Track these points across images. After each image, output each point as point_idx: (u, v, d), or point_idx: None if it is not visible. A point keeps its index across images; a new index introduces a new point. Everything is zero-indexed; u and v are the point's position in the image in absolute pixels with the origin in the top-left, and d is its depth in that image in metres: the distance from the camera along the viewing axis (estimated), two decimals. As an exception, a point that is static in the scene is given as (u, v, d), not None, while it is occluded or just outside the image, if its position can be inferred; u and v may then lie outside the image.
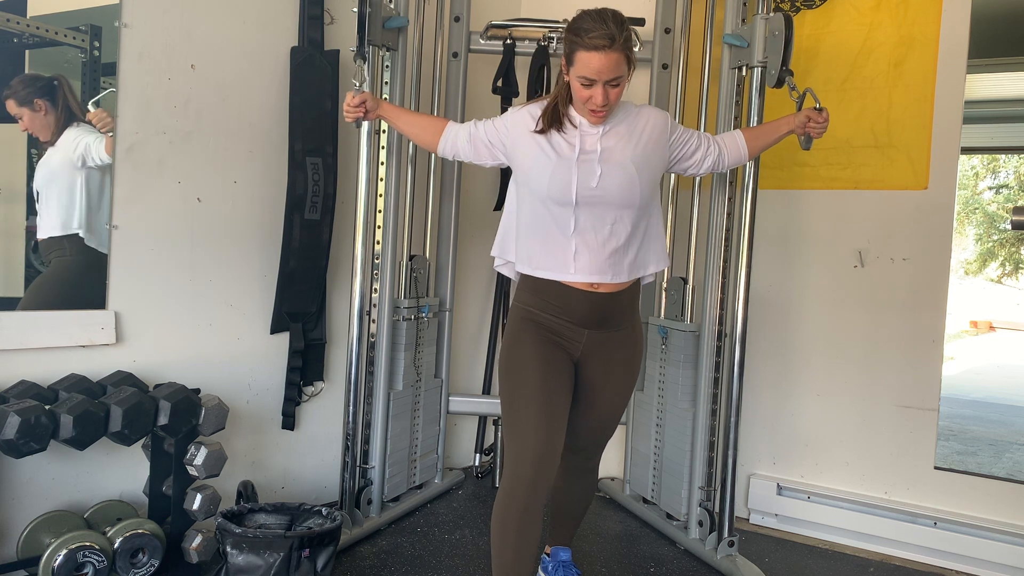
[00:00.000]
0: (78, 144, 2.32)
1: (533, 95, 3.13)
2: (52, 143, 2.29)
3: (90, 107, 2.34)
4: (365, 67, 2.26)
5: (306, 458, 2.99)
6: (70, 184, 2.33)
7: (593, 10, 1.86)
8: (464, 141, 2.11)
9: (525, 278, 2.04)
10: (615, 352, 2.07)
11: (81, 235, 2.34)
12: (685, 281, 2.97)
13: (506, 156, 2.05)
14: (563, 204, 1.94)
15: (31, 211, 2.28)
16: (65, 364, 2.27)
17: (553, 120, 1.96)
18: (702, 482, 2.76)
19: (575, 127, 1.97)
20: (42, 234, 2.29)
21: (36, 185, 2.27)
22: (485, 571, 2.50)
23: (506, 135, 2.03)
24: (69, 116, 2.30)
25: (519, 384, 1.97)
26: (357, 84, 2.15)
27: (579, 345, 2.03)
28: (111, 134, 2.36)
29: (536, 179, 1.96)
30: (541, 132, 1.97)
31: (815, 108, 2.23)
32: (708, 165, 2.17)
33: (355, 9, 2.47)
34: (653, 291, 3.11)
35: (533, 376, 1.96)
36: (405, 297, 3.00)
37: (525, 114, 2.01)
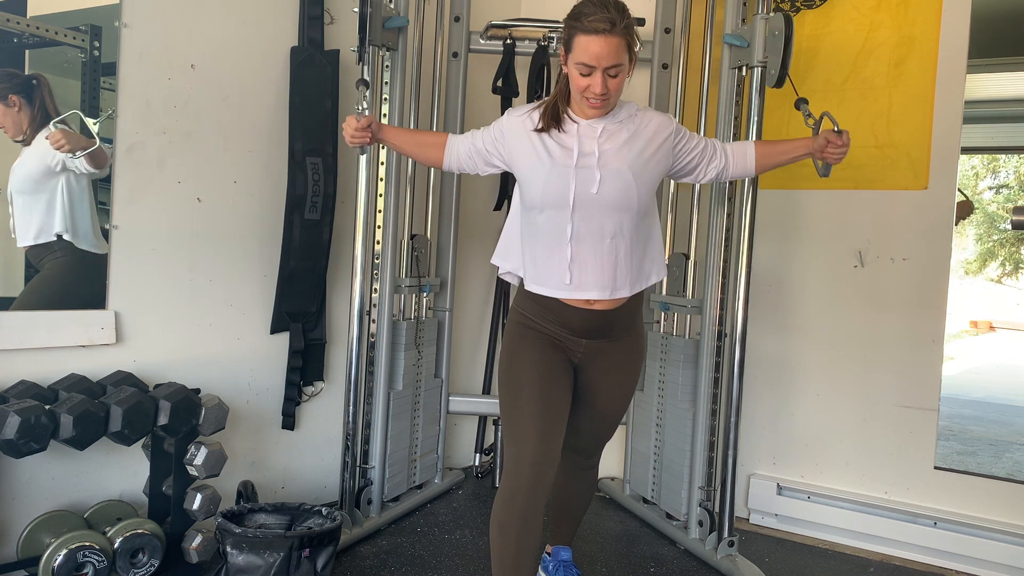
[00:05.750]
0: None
1: (533, 95, 3.13)
2: (26, 143, 2.23)
3: (52, 127, 2.25)
4: (367, 92, 2.17)
5: (306, 458, 2.99)
6: (51, 188, 2.27)
7: None
8: (465, 155, 2.06)
9: (524, 286, 2.03)
10: (615, 357, 2.05)
11: (67, 239, 2.30)
12: (687, 257, 2.97)
13: (504, 162, 2.00)
14: (559, 209, 1.89)
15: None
16: (65, 364, 2.27)
17: (553, 117, 1.91)
18: (702, 482, 2.76)
19: (575, 123, 1.91)
20: (24, 242, 2.24)
21: (11, 189, 2.20)
22: (485, 571, 2.49)
23: (502, 142, 1.98)
24: (45, 117, 2.24)
25: (518, 388, 1.96)
26: (360, 108, 2.07)
27: (578, 352, 2.01)
28: (81, 154, 2.30)
29: (531, 185, 1.92)
30: (540, 131, 1.91)
31: (834, 131, 2.05)
32: (711, 177, 2.10)
33: (356, 9, 2.48)
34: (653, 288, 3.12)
35: (531, 380, 1.95)
36: (407, 276, 3.00)
37: (524, 117, 1.96)
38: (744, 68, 2.63)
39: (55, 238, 2.29)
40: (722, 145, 2.11)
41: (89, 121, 2.32)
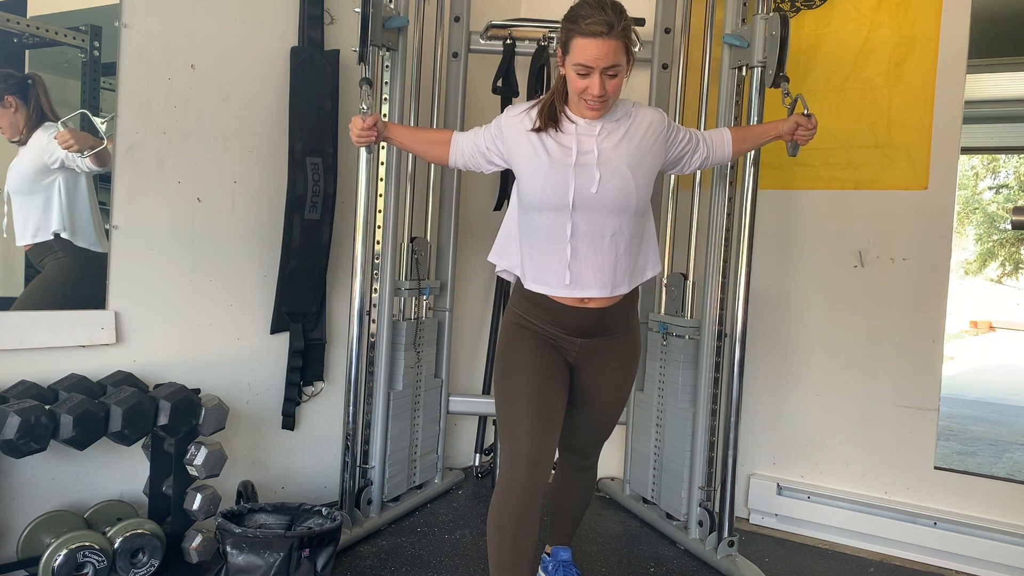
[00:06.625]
0: (56, 148, 2.27)
1: (533, 95, 3.13)
2: (22, 142, 2.23)
3: (59, 127, 2.26)
4: (371, 90, 2.19)
5: (306, 458, 2.99)
6: (47, 187, 2.27)
7: None
8: (469, 153, 2.07)
9: (520, 284, 2.03)
10: (611, 356, 2.05)
11: (65, 237, 2.30)
12: (685, 277, 2.97)
13: (504, 160, 2.01)
14: (558, 209, 1.88)
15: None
16: (65, 364, 2.27)
17: (550, 117, 1.91)
18: (702, 482, 2.76)
19: (573, 123, 1.92)
20: (22, 241, 2.24)
21: (8, 189, 2.20)
22: (485, 571, 2.49)
23: (501, 140, 1.99)
24: (40, 116, 2.24)
25: (512, 387, 1.96)
26: (364, 108, 2.08)
27: (574, 351, 2.01)
28: (88, 153, 2.30)
29: (529, 183, 1.91)
30: (538, 130, 1.91)
31: (804, 114, 2.18)
32: (696, 165, 2.14)
33: (357, 9, 2.48)
34: (653, 290, 3.12)
35: (526, 379, 1.95)
36: (407, 279, 3.00)
37: (522, 115, 1.96)
38: (744, 68, 2.63)
39: (52, 237, 2.29)
40: (702, 134, 2.15)
41: (96, 121, 2.32)
